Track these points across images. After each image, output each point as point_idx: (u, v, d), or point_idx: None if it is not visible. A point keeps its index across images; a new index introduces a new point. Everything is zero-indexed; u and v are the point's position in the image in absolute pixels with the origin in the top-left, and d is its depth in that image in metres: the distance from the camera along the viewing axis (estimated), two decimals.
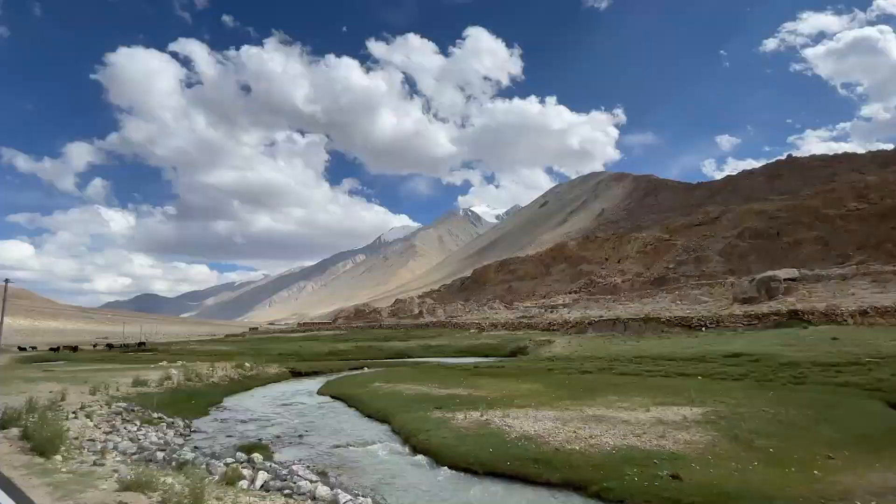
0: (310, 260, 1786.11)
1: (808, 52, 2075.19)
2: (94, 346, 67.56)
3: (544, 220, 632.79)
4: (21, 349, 53.41)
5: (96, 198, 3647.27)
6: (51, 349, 55.00)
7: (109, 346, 63.12)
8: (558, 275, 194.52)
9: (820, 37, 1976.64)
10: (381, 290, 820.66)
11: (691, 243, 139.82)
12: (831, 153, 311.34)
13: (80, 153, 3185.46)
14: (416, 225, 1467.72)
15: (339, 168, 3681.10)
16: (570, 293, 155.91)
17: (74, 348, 52.37)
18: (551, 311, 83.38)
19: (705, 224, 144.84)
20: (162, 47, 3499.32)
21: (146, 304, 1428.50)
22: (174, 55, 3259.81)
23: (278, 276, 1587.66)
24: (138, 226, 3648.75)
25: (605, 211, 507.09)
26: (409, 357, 38.91)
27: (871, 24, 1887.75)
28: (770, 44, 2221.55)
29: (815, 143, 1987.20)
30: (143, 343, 69.06)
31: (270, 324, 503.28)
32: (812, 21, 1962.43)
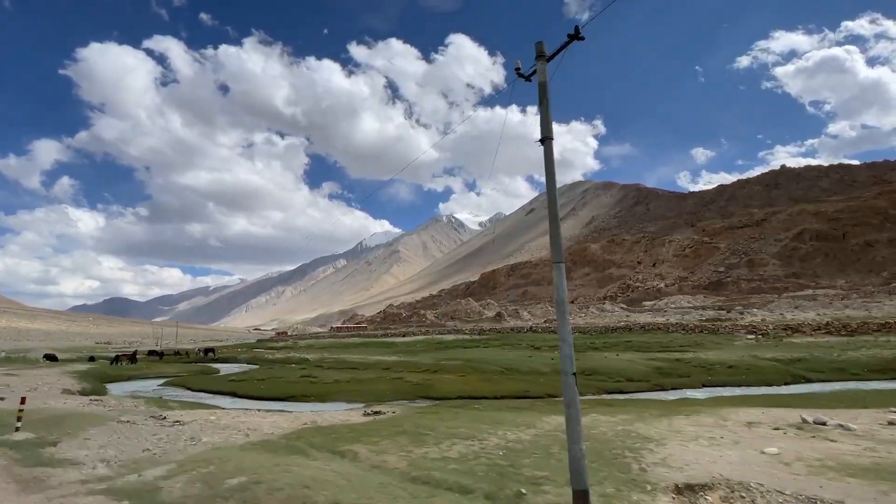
0: (288, 264, 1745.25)
1: (779, 71, 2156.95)
2: (135, 353, 53.23)
3: (531, 227, 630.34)
4: (51, 358, 38.88)
5: (63, 197, 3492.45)
6: (91, 359, 40.71)
7: (154, 353, 49.16)
8: (582, 279, 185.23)
9: (791, 55, 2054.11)
10: (365, 295, 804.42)
11: (738, 246, 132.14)
12: (827, 164, 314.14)
13: (47, 150, 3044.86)
14: (397, 230, 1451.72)
15: (319, 171, 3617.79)
16: (611, 296, 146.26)
17: (133, 358, 37.74)
18: (740, 315, 68.83)
19: (750, 226, 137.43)
20: (136, 44, 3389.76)
21: (116, 307, 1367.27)
22: (149, 52, 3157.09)
23: (255, 281, 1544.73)
24: (108, 227, 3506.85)
25: (595, 218, 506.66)
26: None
27: (840, 44, 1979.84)
28: (743, 61, 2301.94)
29: (784, 158, 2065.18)
30: (212, 350, 54.10)
31: (256, 328, 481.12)
32: (784, 40, 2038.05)
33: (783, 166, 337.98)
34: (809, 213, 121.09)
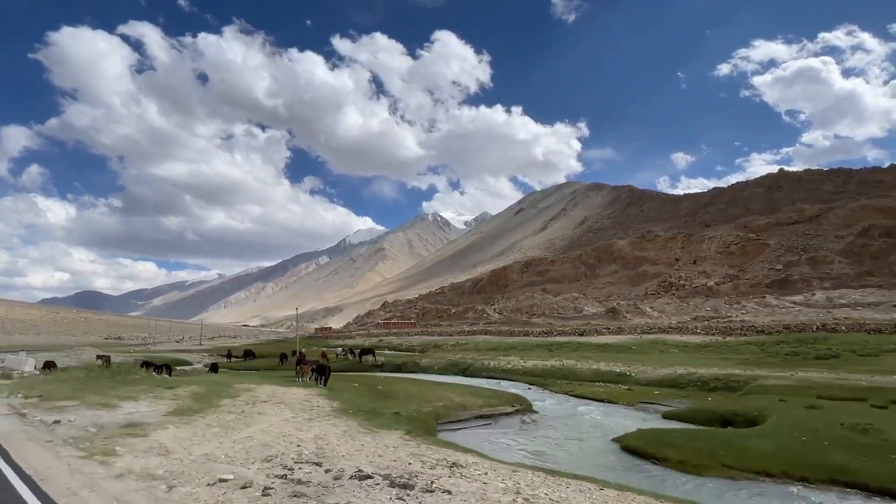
0: (268, 260, 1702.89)
1: (757, 80, 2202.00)
2: (229, 355, 40.17)
3: (520, 227, 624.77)
4: (161, 369, 25.02)
5: (32, 186, 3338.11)
6: (217, 366, 27.80)
7: (248, 354, 36.51)
8: (609, 276, 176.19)
9: (770, 64, 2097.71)
10: (349, 292, 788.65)
11: (792, 242, 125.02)
12: (826, 168, 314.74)
13: (15, 137, 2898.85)
14: (381, 228, 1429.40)
15: (301, 166, 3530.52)
16: (651, 296, 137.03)
17: (323, 370, 23.90)
18: None
19: (801, 222, 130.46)
20: (111, 29, 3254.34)
21: (87, 301, 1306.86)
22: (125, 38, 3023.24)
23: (234, 276, 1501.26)
24: (79, 218, 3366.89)
25: (587, 219, 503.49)
26: None
27: (817, 55, 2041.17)
28: (724, 69, 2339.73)
29: (760, 166, 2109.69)
30: (371, 352, 39.79)
31: (244, 325, 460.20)
32: (763, 49, 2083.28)
33: (781, 169, 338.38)
34: (874, 209, 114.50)
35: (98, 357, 32.94)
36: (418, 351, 49.96)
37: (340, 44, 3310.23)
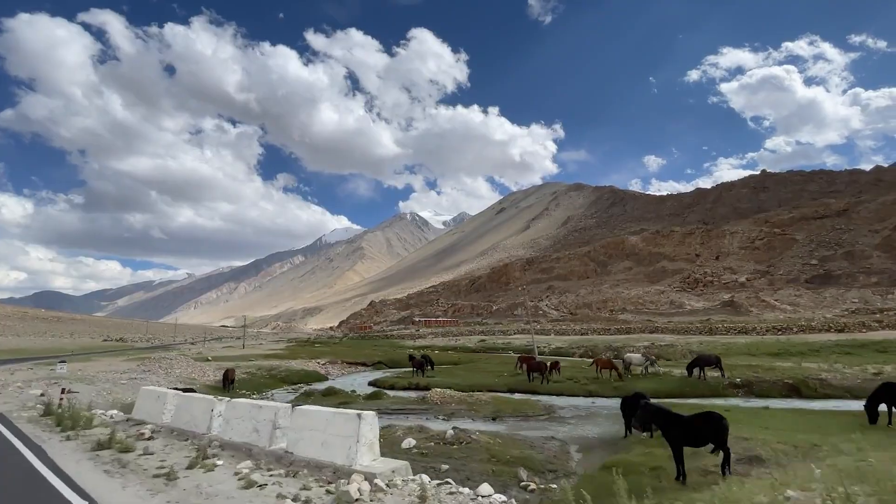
0: (239, 260, 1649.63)
1: (724, 87, 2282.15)
2: (420, 365, 28.29)
3: (502, 227, 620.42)
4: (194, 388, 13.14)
5: None
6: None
7: (425, 361, 25.88)
8: (623, 273, 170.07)
9: (737, 71, 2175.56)
10: (328, 292, 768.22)
11: (822, 237, 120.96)
12: (809, 170, 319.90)
13: None
14: (356, 227, 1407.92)
15: (274, 163, 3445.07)
16: (680, 290, 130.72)
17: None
18: None
19: (829, 217, 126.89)
20: (71, 17, 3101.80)
21: (47, 301, 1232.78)
22: (86, 26, 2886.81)
23: (204, 276, 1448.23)
24: (36, 214, 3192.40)
25: (571, 219, 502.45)
26: None
27: (781, 63, 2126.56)
28: (693, 75, 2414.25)
29: (727, 170, 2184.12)
30: (717, 362, 23.23)
31: (222, 327, 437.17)
32: (731, 56, 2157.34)
33: (763, 171, 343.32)
34: None
35: (226, 382, 20.85)
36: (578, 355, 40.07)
37: (314, 38, 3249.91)
